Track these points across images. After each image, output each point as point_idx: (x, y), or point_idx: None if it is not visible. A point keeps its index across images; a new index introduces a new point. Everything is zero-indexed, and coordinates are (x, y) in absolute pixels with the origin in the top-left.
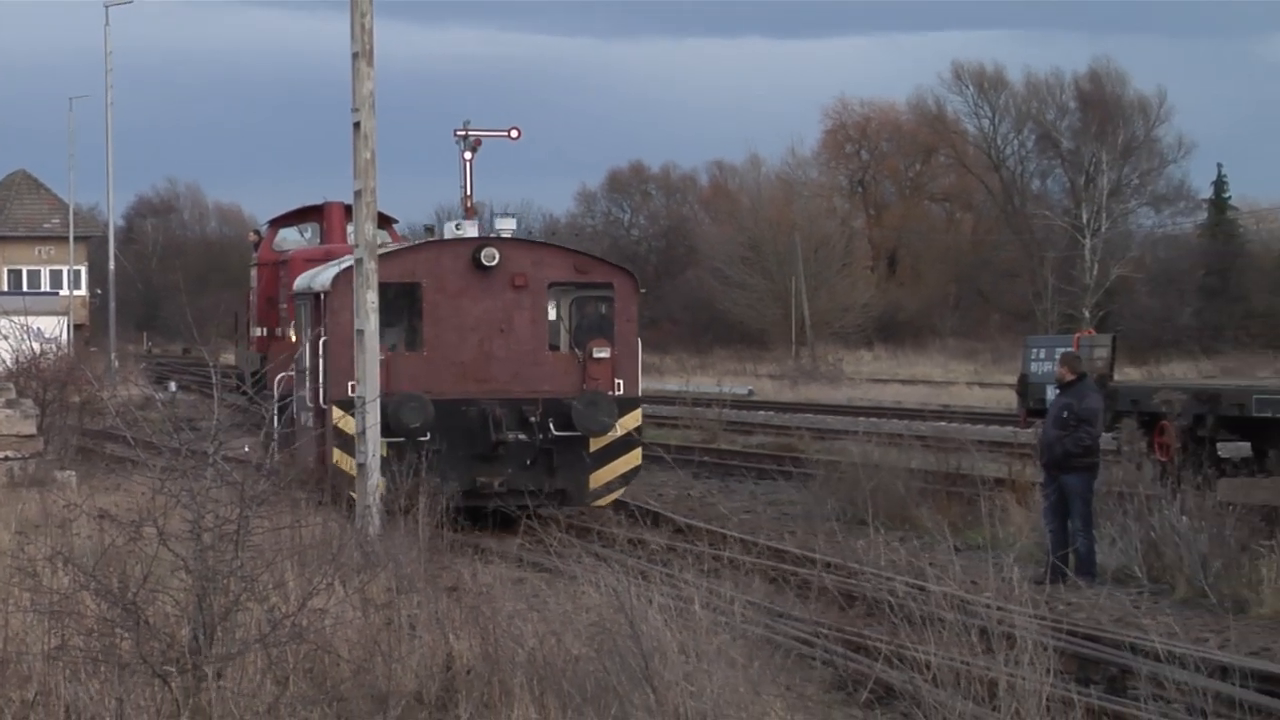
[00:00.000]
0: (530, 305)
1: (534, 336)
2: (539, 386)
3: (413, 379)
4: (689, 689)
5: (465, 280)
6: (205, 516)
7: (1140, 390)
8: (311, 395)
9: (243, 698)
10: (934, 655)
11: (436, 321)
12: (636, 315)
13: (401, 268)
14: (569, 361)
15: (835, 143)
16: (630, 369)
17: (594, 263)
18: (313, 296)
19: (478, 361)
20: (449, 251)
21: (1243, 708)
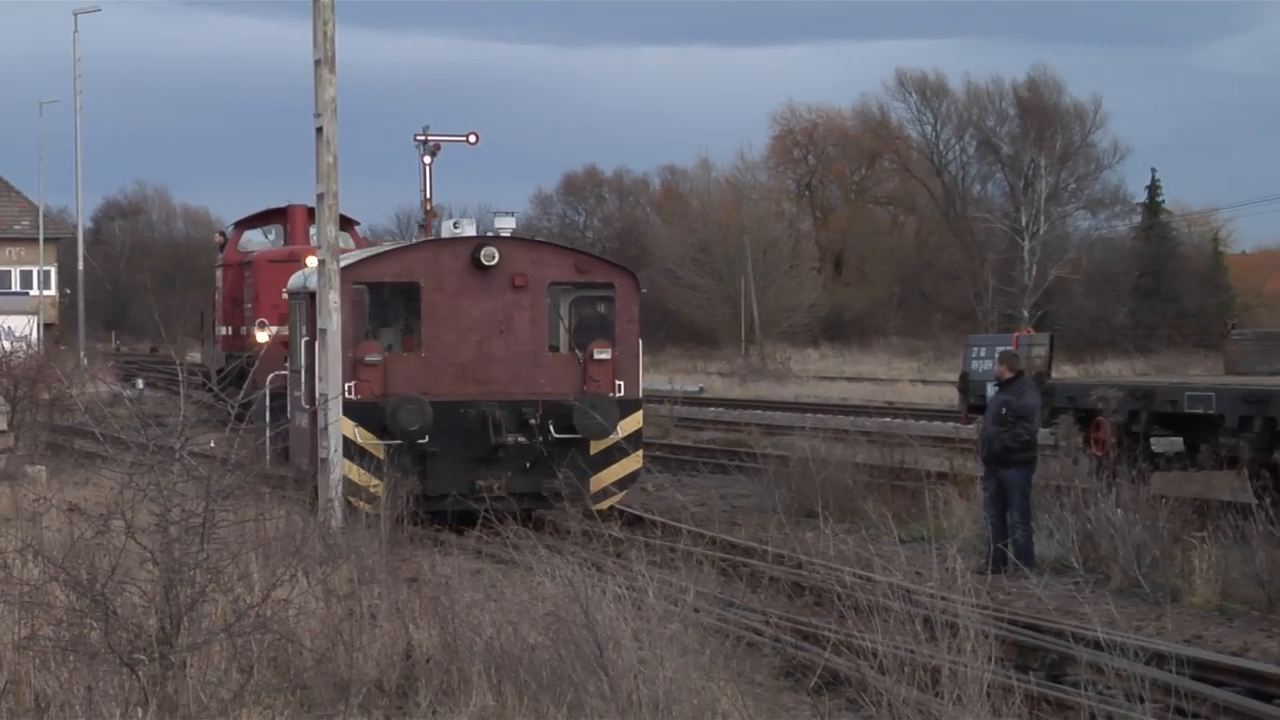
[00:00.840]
0: (530, 305)
1: (534, 337)
2: (539, 388)
3: (410, 380)
4: (642, 676)
5: (464, 280)
6: (172, 510)
7: (1077, 387)
8: (306, 396)
9: (208, 686)
10: (880, 643)
11: (435, 322)
12: (638, 316)
13: (399, 267)
14: (569, 363)
15: (783, 148)
16: (631, 370)
17: (595, 262)
18: (308, 296)
19: (477, 363)
20: (448, 251)
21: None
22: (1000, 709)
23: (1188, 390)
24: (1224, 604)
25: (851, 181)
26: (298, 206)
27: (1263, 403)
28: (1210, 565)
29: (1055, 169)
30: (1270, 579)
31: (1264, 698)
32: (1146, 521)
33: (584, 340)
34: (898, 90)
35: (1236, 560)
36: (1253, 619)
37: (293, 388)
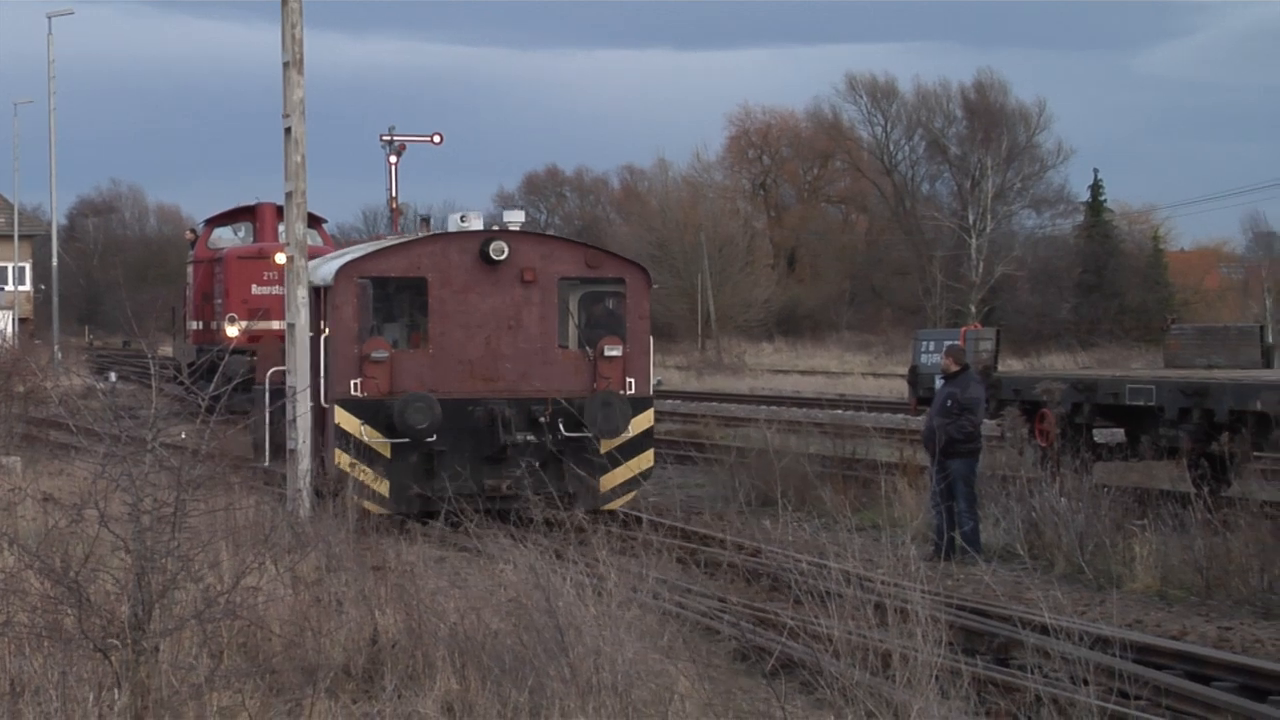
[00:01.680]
0: (540, 301)
1: (543, 334)
2: (548, 386)
3: (417, 378)
4: (602, 660)
5: (472, 275)
6: (144, 500)
7: (1022, 380)
8: (313, 393)
9: (180, 670)
10: (834, 628)
11: (443, 318)
12: (649, 312)
13: (406, 261)
14: (579, 360)
15: (738, 148)
16: (642, 367)
17: (605, 257)
18: (312, 290)
19: (485, 360)
20: (455, 245)
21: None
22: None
23: (1129, 383)
24: (1164, 589)
25: (804, 181)
26: (267, 204)
27: (1201, 395)
28: (1150, 552)
29: (1001, 169)
30: (1208, 565)
31: (1202, 680)
32: (1089, 510)
33: (594, 337)
34: (848, 93)
35: (1176, 547)
36: (1191, 604)
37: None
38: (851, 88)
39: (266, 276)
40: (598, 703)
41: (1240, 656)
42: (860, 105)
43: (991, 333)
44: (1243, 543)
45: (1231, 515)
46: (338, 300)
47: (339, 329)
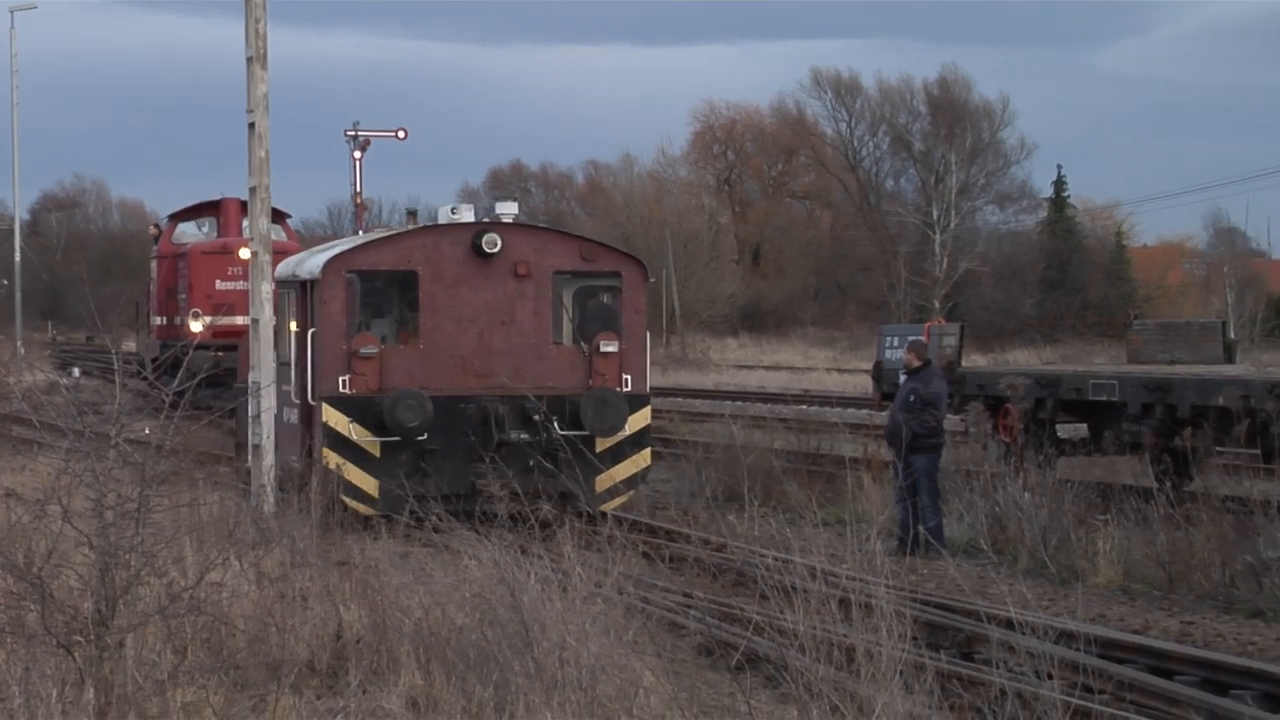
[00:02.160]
0: (534, 295)
1: (537, 329)
2: (543, 382)
3: (408, 374)
4: (567, 655)
5: (464, 268)
6: (107, 495)
7: (986, 375)
8: (298, 390)
9: (144, 666)
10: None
11: (433, 312)
12: (645, 306)
13: (396, 254)
14: (574, 356)
15: (703, 144)
16: (638, 363)
17: (601, 250)
18: (298, 285)
19: (477, 356)
20: (447, 237)
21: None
22: (913, 686)
23: (1092, 378)
24: (1126, 584)
25: (769, 176)
26: (231, 199)
27: (1163, 390)
28: (1113, 547)
29: (965, 165)
30: (1170, 560)
31: (1165, 674)
32: (1052, 505)
33: (588, 332)
34: (813, 88)
35: (1138, 542)
36: (1154, 598)
37: (281, 381)
38: (816, 83)
39: (230, 272)
40: (562, 698)
41: (1202, 651)
42: (824, 101)
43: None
44: (1205, 537)
45: (1194, 510)
46: (325, 294)
47: (326, 324)
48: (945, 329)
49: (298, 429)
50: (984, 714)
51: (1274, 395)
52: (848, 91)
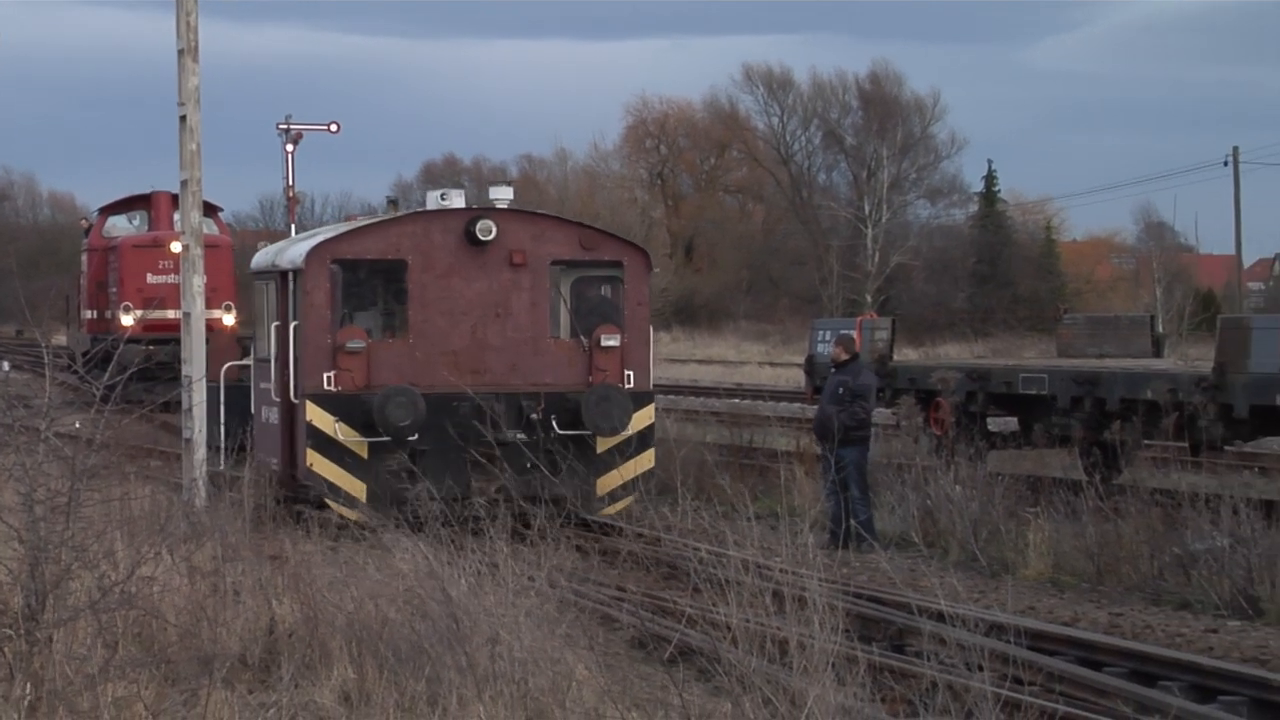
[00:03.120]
0: (530, 286)
1: (534, 322)
2: (540, 379)
3: (397, 370)
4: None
5: (456, 257)
6: (37, 490)
7: (918, 369)
8: (279, 388)
9: (74, 661)
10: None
11: (424, 305)
12: (648, 297)
13: (383, 242)
14: (574, 350)
15: (636, 138)
16: (641, 358)
17: (601, 237)
18: (279, 275)
19: (470, 351)
20: (438, 224)
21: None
22: (845, 678)
23: (1022, 372)
24: (1056, 576)
25: (701, 171)
26: (162, 193)
27: (1093, 384)
28: (1043, 539)
29: (896, 159)
30: (1099, 552)
31: (1094, 665)
32: (983, 498)
33: (588, 325)
34: (745, 83)
35: (1068, 534)
36: (1083, 590)
37: (259, 379)
38: (748, 78)
39: (162, 265)
40: (495, 691)
41: (1131, 642)
42: (757, 96)
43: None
44: (1133, 529)
45: (1122, 503)
46: (309, 285)
47: (310, 316)
48: (877, 323)
49: (278, 429)
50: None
51: (1201, 389)
52: (780, 86)
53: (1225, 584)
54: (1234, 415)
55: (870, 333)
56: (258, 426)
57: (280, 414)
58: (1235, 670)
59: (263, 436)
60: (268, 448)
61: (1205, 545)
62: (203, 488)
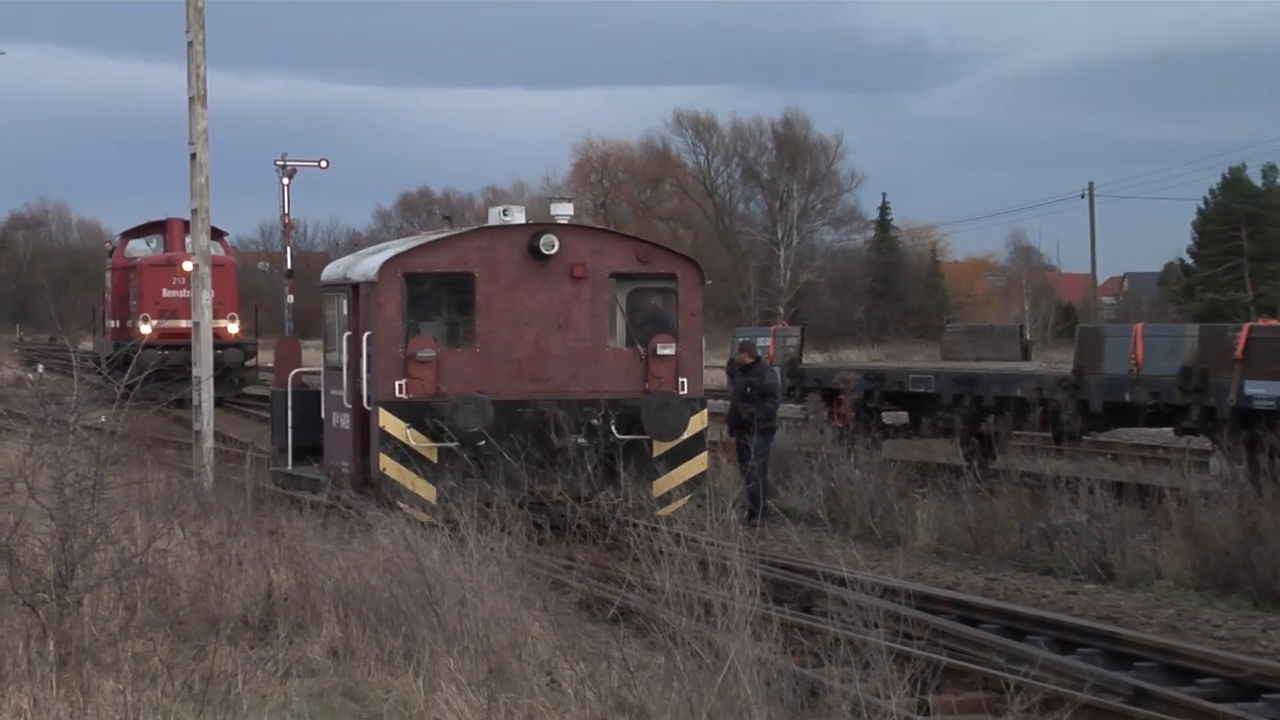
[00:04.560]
0: (590, 298)
1: (594, 332)
2: (599, 386)
3: (465, 378)
4: (465, 610)
5: (521, 270)
6: (67, 474)
7: (823, 371)
8: (350, 395)
9: (99, 621)
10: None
11: (490, 316)
12: (701, 308)
13: (452, 256)
14: (630, 359)
15: (582, 173)
16: (695, 366)
17: (657, 251)
18: (350, 288)
19: (534, 359)
20: (504, 239)
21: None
22: (761, 635)
23: (911, 373)
24: (940, 547)
25: (639, 201)
26: (175, 219)
27: (971, 383)
28: (929, 516)
29: (805, 192)
30: (977, 526)
31: (972, 623)
32: (878, 480)
33: (644, 334)
34: (676, 127)
35: (950, 511)
36: (963, 559)
37: (329, 386)
38: (679, 122)
39: (175, 282)
40: (462, 646)
41: (1003, 603)
42: (686, 137)
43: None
44: (1005, 507)
45: (996, 484)
46: (381, 297)
47: (383, 327)
48: (789, 331)
49: (349, 434)
50: (820, 658)
51: (1063, 387)
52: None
53: (1083, 553)
54: (1090, 410)
55: (783, 340)
56: (328, 431)
57: (351, 420)
58: (1091, 626)
59: (333, 441)
60: (338, 452)
61: (1066, 520)
62: (210, 472)
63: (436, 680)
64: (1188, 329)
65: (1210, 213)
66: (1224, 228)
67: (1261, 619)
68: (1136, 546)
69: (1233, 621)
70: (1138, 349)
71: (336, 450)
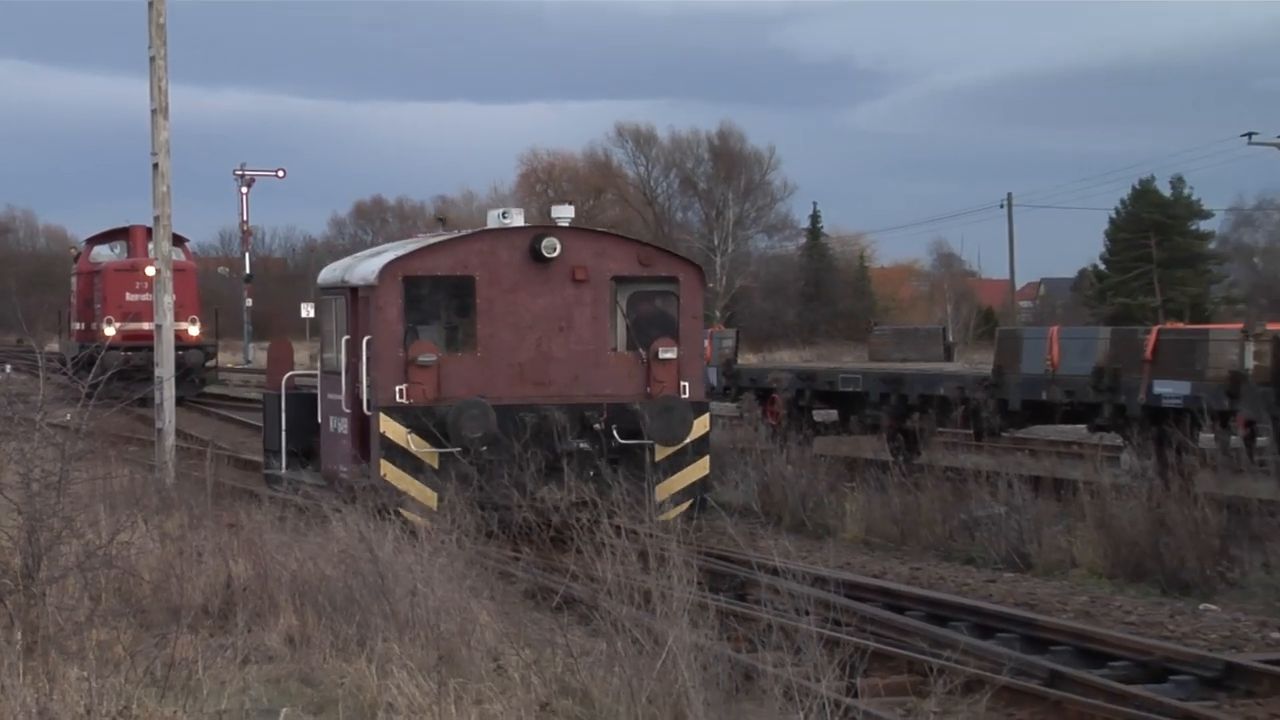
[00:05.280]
0: (591, 301)
1: (595, 336)
2: (601, 390)
3: (466, 383)
4: (417, 599)
5: (522, 274)
6: (33, 470)
7: (757, 371)
8: (348, 400)
9: (64, 611)
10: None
11: (491, 319)
12: (702, 311)
13: (452, 259)
14: (632, 363)
15: (528, 183)
16: (696, 370)
17: (658, 254)
18: (348, 291)
19: (536, 363)
20: (504, 242)
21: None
22: (698, 622)
23: (841, 373)
24: (868, 538)
25: (582, 210)
26: (138, 226)
27: (897, 382)
28: (858, 508)
29: (740, 201)
30: (902, 518)
31: (898, 610)
32: (809, 475)
33: (645, 338)
34: (617, 139)
35: (878, 504)
36: (889, 549)
37: (326, 390)
38: (620, 135)
39: (138, 286)
40: (413, 634)
41: (927, 591)
42: (627, 149)
43: (733, 333)
44: (929, 500)
45: (921, 479)
46: (381, 301)
47: (383, 331)
48: (725, 333)
49: (347, 438)
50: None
51: (983, 386)
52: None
53: (1002, 543)
54: (1009, 408)
55: (719, 341)
56: (325, 436)
57: (350, 425)
58: (1010, 612)
59: (331, 446)
60: (336, 457)
61: (986, 512)
62: (172, 469)
63: (389, 666)
64: (1100, 331)
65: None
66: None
67: (1169, 605)
68: (1052, 537)
69: (1142, 607)
70: (1053, 350)
71: (334, 455)
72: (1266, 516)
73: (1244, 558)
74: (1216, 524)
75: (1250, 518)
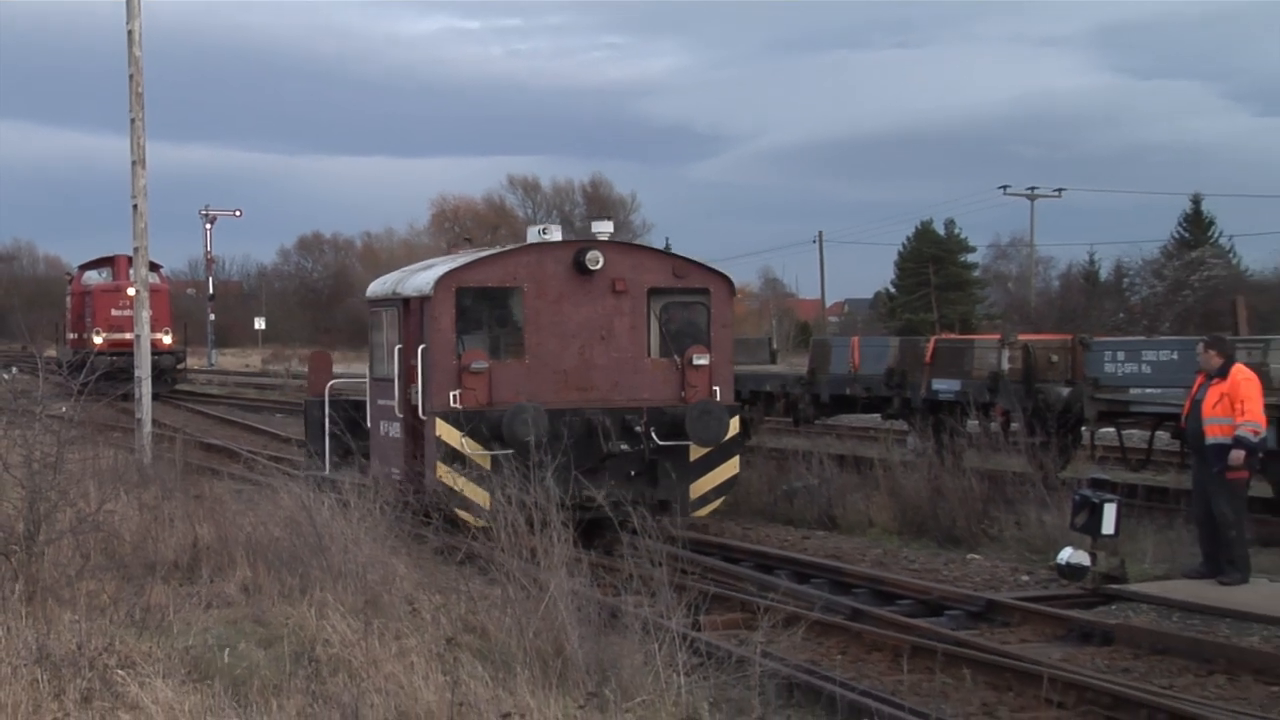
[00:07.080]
0: (630, 311)
1: (634, 343)
2: (639, 395)
3: (516, 388)
4: (348, 555)
5: (566, 285)
6: (34, 452)
7: None
8: (402, 405)
9: (59, 567)
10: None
11: (539, 328)
12: (731, 320)
13: (502, 271)
14: (668, 369)
15: (439, 222)
16: (726, 375)
17: (691, 267)
18: (401, 303)
19: (579, 370)
20: (550, 255)
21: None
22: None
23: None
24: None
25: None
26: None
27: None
28: None
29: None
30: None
31: (733, 560)
32: None
33: (678, 345)
34: (509, 186)
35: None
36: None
37: (377, 396)
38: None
39: (121, 303)
40: (345, 584)
41: (756, 545)
42: (517, 195)
43: None
44: (758, 475)
45: (751, 457)
46: (436, 311)
47: (438, 340)
48: None
49: (400, 442)
50: (619, 589)
51: (800, 384)
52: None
53: (814, 508)
54: (821, 400)
55: None
56: (376, 440)
57: (403, 429)
58: (821, 562)
59: (383, 449)
60: (388, 460)
61: (802, 483)
62: (149, 451)
63: (325, 609)
64: (891, 340)
65: (907, 254)
66: (917, 265)
67: (944, 555)
68: (854, 503)
69: (923, 558)
70: (855, 356)
71: (387, 458)
72: (1018, 485)
73: (1001, 518)
74: (980, 492)
75: (1005, 486)
